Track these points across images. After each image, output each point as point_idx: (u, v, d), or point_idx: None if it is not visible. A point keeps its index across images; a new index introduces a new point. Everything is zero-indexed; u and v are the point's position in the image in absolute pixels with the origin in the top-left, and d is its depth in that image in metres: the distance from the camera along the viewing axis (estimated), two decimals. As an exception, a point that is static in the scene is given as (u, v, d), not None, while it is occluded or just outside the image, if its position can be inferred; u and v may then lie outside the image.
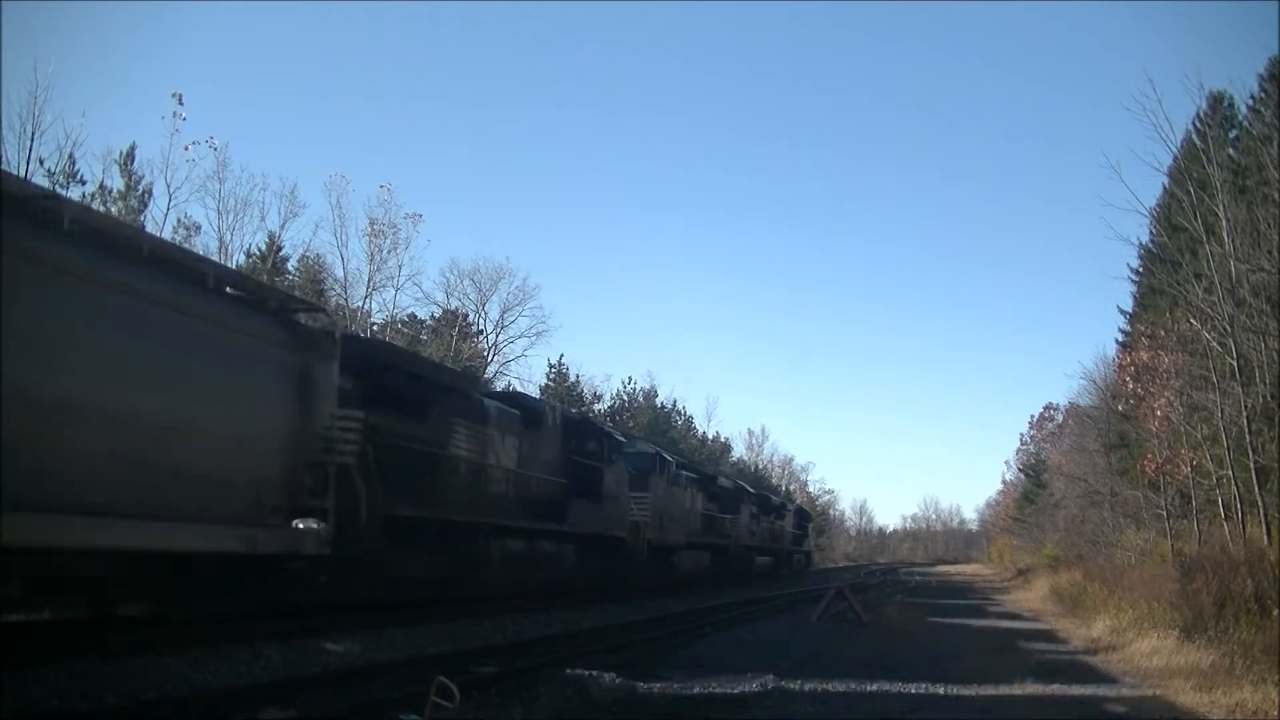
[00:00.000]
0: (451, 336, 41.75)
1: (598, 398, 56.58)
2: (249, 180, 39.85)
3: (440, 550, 14.83)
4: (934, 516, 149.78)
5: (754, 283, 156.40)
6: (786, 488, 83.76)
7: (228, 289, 10.92)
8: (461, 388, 17.24)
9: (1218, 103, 24.54)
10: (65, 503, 7.80)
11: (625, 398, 60.25)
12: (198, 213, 39.46)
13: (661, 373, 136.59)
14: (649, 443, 31.98)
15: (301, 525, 10.96)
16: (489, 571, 16.61)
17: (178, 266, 9.99)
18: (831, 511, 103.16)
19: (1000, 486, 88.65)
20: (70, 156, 26.15)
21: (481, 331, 46.03)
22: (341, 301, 36.72)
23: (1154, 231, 25.59)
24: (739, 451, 79.99)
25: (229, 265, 17.99)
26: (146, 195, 30.78)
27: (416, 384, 14.94)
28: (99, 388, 8.27)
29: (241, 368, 10.38)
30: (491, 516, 16.59)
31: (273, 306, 11.53)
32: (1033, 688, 10.54)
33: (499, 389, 33.42)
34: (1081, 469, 39.15)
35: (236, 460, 10.30)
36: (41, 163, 25.09)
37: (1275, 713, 9.00)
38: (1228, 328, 18.61)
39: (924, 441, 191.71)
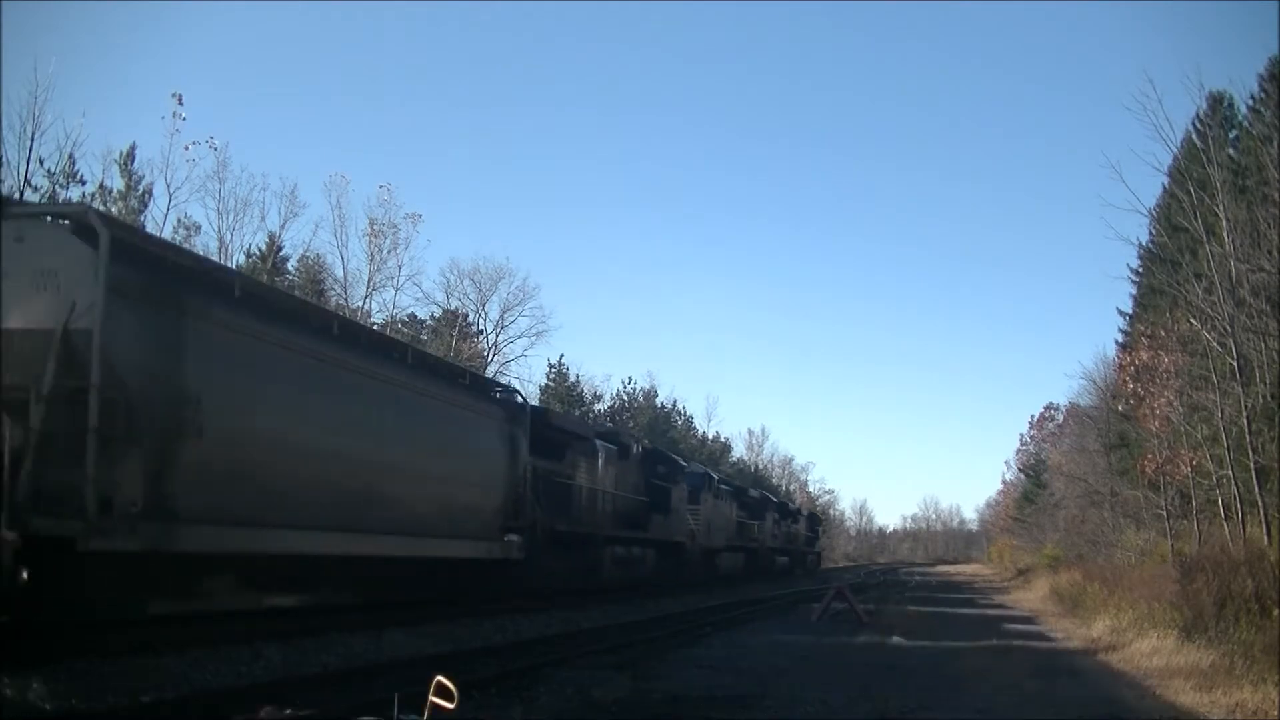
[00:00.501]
0: (451, 336, 41.72)
1: (598, 398, 56.59)
2: (249, 180, 39.60)
3: (575, 555, 20.05)
4: (934, 516, 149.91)
5: (754, 283, 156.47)
6: (786, 488, 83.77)
7: (466, 380, 17.08)
8: (582, 432, 22.69)
9: (1218, 103, 24.51)
10: (371, 526, 12.85)
11: (625, 398, 60.27)
12: (198, 213, 39.34)
13: (661, 373, 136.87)
14: (700, 464, 37.93)
15: (507, 539, 16.62)
16: (604, 571, 22.04)
17: (451, 373, 16.96)
18: (831, 511, 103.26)
19: (1000, 486, 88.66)
20: (70, 156, 26.10)
21: (481, 331, 46.03)
22: (341, 301, 36.70)
23: (1154, 231, 25.55)
24: (739, 451, 80.00)
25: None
26: (146, 195, 30.75)
27: (556, 433, 20.29)
28: (427, 458, 14.16)
29: (482, 435, 16.42)
30: (603, 529, 22.03)
31: (496, 393, 18.34)
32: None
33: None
34: (1081, 469, 39.11)
35: (482, 497, 16.13)
36: (41, 163, 25.07)
37: (1275, 713, 8.99)
38: (1228, 328, 18.60)
39: (924, 441, 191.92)
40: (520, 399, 19.17)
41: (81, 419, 8.45)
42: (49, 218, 9.98)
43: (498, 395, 18.22)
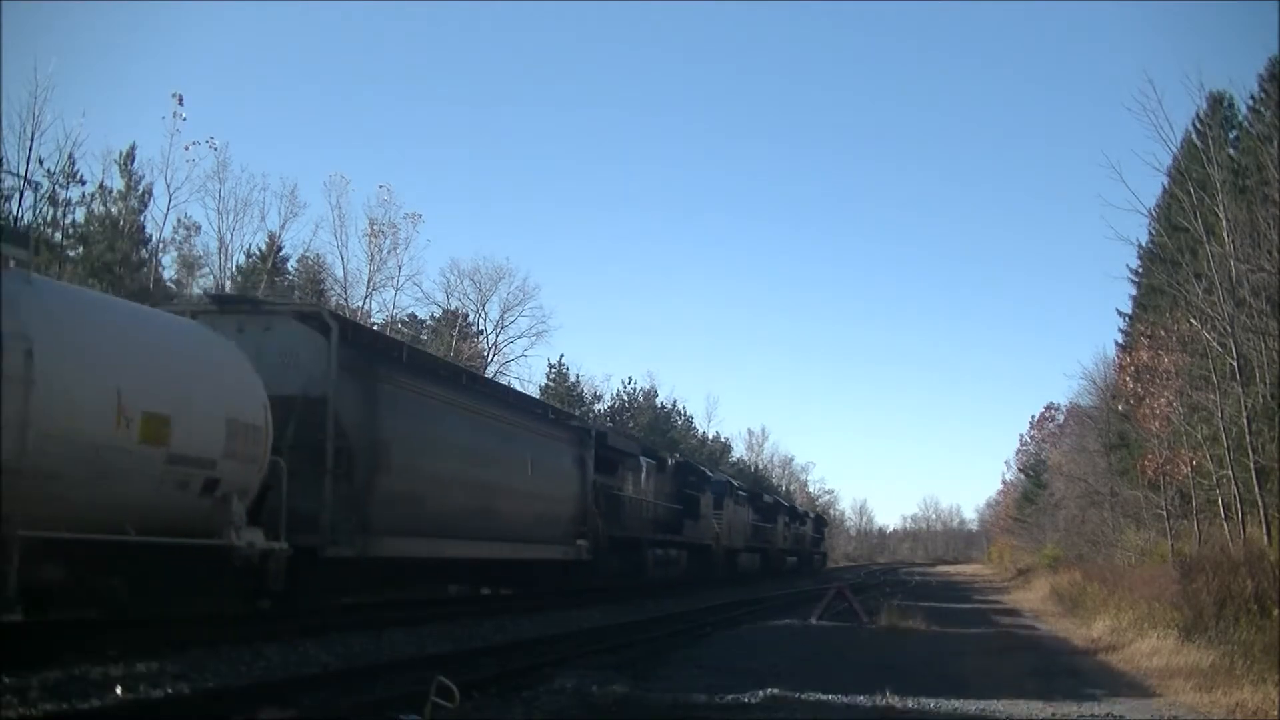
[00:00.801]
0: (451, 336, 41.73)
1: (598, 398, 56.63)
2: (249, 180, 39.65)
3: (626, 556, 23.72)
4: (934, 516, 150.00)
5: (754, 283, 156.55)
6: (786, 488, 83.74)
7: (550, 414, 21.67)
8: (630, 450, 25.76)
9: (1218, 103, 24.50)
10: (490, 534, 16.42)
11: (625, 398, 60.30)
12: (198, 213, 39.37)
13: (661, 373, 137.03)
14: (724, 473, 42.10)
15: (578, 543, 20.17)
16: (648, 570, 25.61)
17: (539, 409, 21.56)
18: (832, 511, 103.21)
19: (1000, 486, 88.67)
20: (70, 156, 26.21)
21: (481, 331, 46.08)
22: (341, 301, 36.69)
23: (1154, 231, 25.54)
24: (739, 451, 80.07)
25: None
26: (146, 195, 30.86)
27: (611, 452, 23.41)
28: (525, 479, 17.91)
29: (562, 459, 20.03)
30: (647, 534, 25.66)
31: (573, 423, 22.47)
32: None
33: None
34: (1081, 469, 39.09)
35: (560, 509, 19.55)
36: (41, 162, 25.16)
37: (1275, 713, 8.99)
38: (1228, 328, 18.60)
39: (924, 441, 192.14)
40: (588, 427, 23.43)
41: (319, 462, 11.89)
42: (290, 314, 13.26)
43: (572, 425, 22.60)
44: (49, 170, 25.48)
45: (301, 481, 11.41)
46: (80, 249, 28.28)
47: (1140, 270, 30.55)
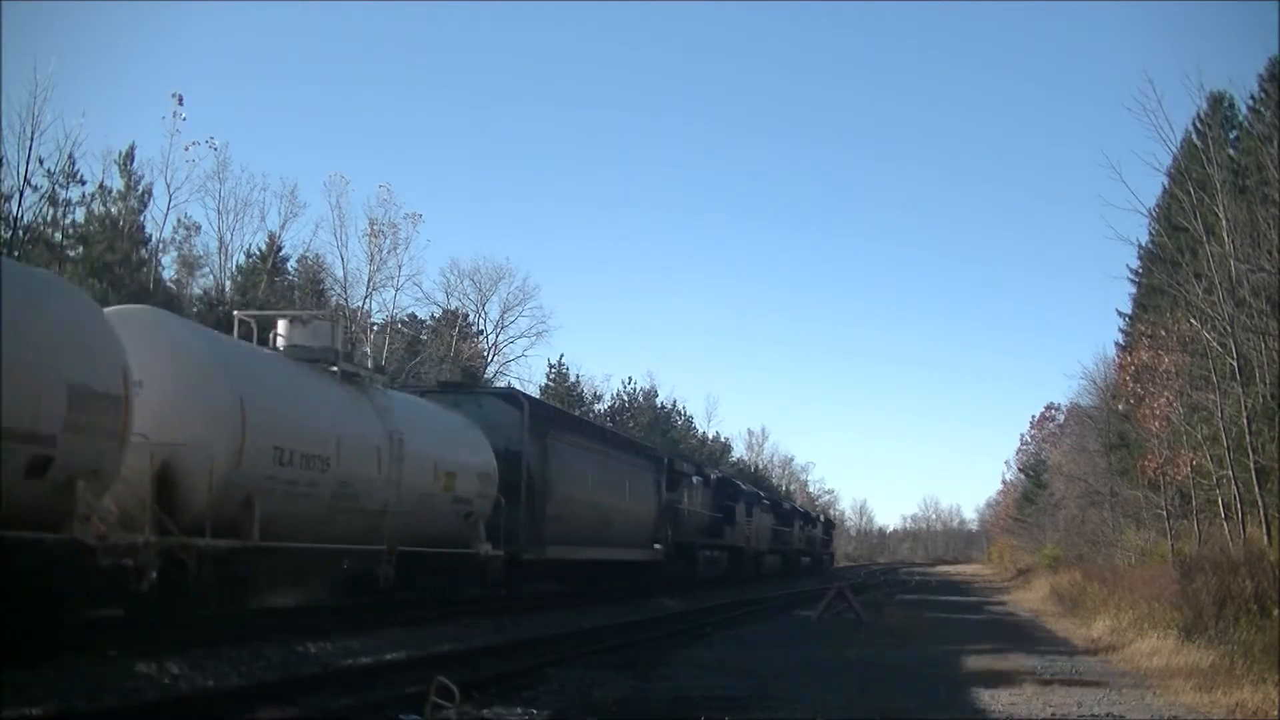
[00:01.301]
0: (451, 336, 41.72)
1: (598, 398, 56.57)
2: (249, 180, 39.43)
3: (684, 558, 28.74)
4: (934, 516, 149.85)
5: (754, 283, 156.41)
6: (786, 488, 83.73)
7: (637, 448, 27.05)
8: (686, 470, 30.56)
9: (1218, 103, 24.48)
10: (604, 542, 21.90)
11: (625, 398, 60.25)
12: (198, 213, 39.27)
13: (661, 373, 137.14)
14: (753, 486, 46.74)
15: (655, 547, 25.18)
16: (698, 569, 30.49)
17: (630, 443, 27.79)
18: (832, 511, 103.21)
19: (1000, 486, 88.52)
20: (70, 156, 26.09)
21: (481, 331, 46.03)
22: (341, 301, 36.66)
23: (1154, 231, 25.51)
24: (739, 451, 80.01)
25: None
26: (146, 195, 30.80)
27: (673, 473, 28.12)
28: (624, 500, 23.27)
29: (645, 482, 25.03)
30: (697, 539, 30.53)
31: (650, 452, 27.64)
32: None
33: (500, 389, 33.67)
34: (1081, 469, 39.04)
35: (642, 520, 24.63)
36: (41, 162, 25.05)
37: (1275, 713, 8.98)
38: (1228, 328, 18.60)
39: (924, 441, 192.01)
40: (660, 454, 28.45)
41: (516, 495, 17.17)
42: (494, 394, 20.20)
43: (649, 453, 27.50)
44: (49, 170, 25.41)
45: (505, 508, 16.63)
46: (80, 249, 28.22)
47: (1140, 270, 30.48)
